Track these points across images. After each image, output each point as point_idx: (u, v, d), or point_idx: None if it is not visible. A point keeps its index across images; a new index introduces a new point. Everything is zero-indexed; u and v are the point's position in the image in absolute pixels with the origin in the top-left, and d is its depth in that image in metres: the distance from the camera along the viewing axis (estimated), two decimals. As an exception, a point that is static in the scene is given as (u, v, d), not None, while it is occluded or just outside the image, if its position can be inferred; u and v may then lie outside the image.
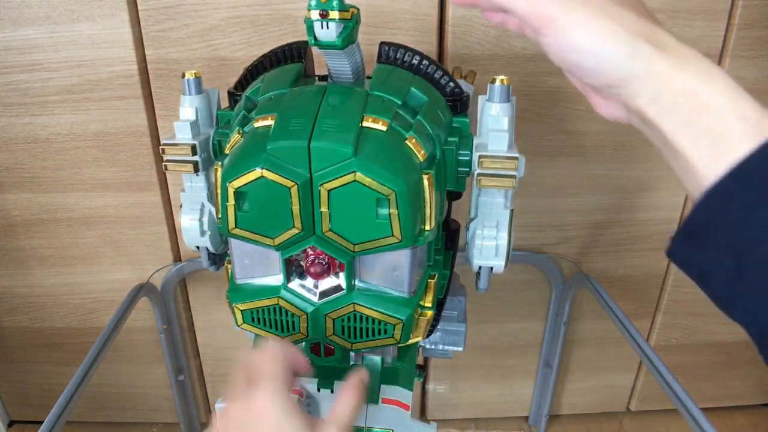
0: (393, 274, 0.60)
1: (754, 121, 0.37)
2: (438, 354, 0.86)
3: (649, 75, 0.39)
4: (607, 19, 0.38)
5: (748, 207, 0.36)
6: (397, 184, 0.54)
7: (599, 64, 0.39)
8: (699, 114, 0.38)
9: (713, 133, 0.38)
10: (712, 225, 0.38)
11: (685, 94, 0.38)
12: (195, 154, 0.70)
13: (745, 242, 0.37)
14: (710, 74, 0.38)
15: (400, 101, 0.60)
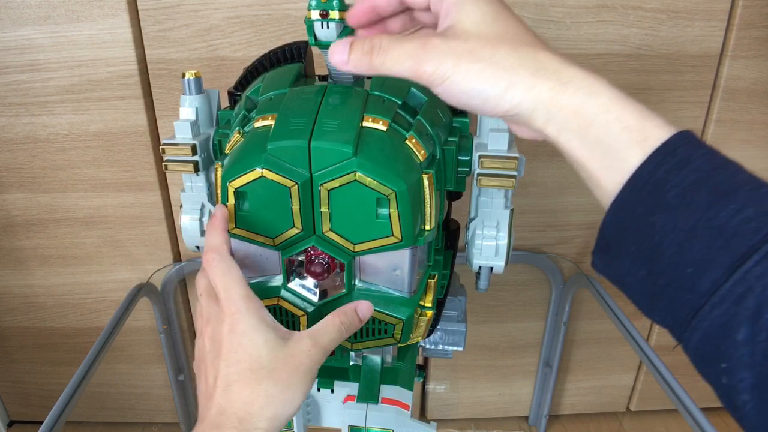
0: (393, 273, 0.60)
1: (636, 129, 0.39)
2: (438, 354, 0.85)
3: (535, 100, 0.41)
4: (479, 62, 0.42)
5: (647, 214, 0.38)
6: (397, 184, 0.53)
7: (485, 101, 0.43)
8: (588, 129, 0.40)
9: (604, 145, 0.40)
10: (621, 235, 0.41)
11: (573, 111, 0.41)
12: (195, 153, 0.70)
13: (650, 248, 0.39)
14: (593, 90, 0.41)
15: (400, 101, 0.60)
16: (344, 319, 0.57)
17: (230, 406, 0.52)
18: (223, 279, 0.55)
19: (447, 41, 0.43)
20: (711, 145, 0.39)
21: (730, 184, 0.37)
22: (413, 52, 0.44)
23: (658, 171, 0.38)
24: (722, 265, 0.35)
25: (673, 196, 0.38)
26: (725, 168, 0.38)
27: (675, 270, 0.38)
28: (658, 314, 0.41)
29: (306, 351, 0.55)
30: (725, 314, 0.35)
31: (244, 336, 0.53)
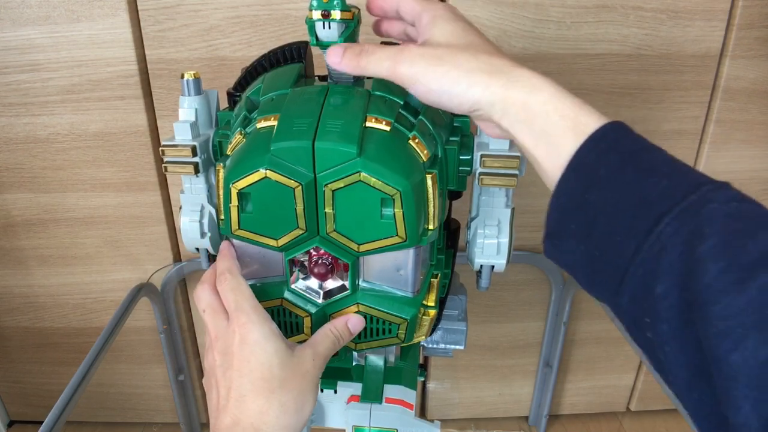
0: (397, 273, 0.60)
1: (571, 119, 0.45)
2: (439, 353, 0.86)
3: (492, 96, 0.48)
4: (444, 65, 0.49)
5: (583, 193, 0.44)
6: (401, 184, 0.54)
7: (451, 99, 0.49)
8: (533, 120, 0.47)
9: (546, 133, 0.46)
10: (563, 217, 0.46)
11: (521, 105, 0.47)
12: (195, 155, 0.69)
13: (587, 224, 0.44)
14: (536, 87, 0.47)
15: (402, 101, 0.60)
16: (336, 331, 0.61)
17: (245, 416, 0.54)
18: (234, 293, 0.57)
19: (420, 48, 0.51)
20: (638, 134, 0.45)
21: (651, 162, 0.43)
22: (392, 55, 0.51)
23: (590, 155, 0.44)
24: (642, 230, 0.40)
25: (603, 175, 0.43)
26: (648, 150, 0.44)
27: (606, 241, 0.43)
28: (596, 288, 0.46)
29: (310, 360, 0.57)
30: (645, 273, 0.40)
31: (256, 345, 0.55)
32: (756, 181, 1.18)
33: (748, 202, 0.39)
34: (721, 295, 0.35)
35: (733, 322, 0.35)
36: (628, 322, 0.44)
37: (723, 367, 0.35)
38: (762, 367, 0.33)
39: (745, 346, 0.34)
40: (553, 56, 1.07)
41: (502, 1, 1.02)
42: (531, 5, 1.03)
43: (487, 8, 1.03)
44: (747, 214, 0.39)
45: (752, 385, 0.34)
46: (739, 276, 0.35)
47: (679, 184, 0.41)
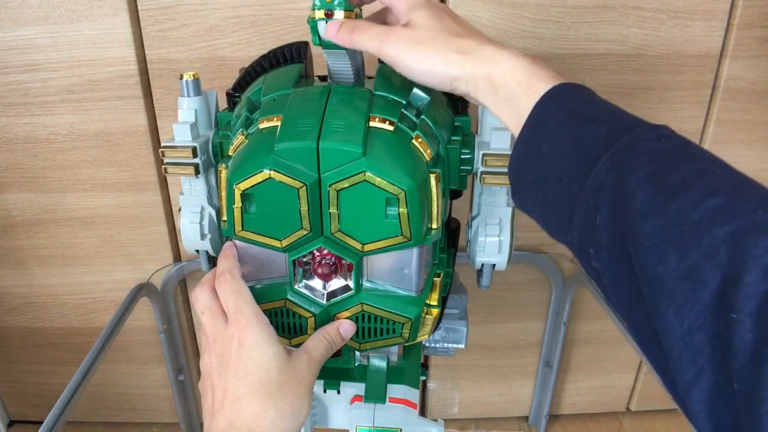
0: (401, 273, 0.60)
1: (526, 84, 0.51)
2: (439, 352, 0.86)
3: (465, 73, 0.53)
4: (423, 48, 0.54)
5: (537, 145, 0.49)
6: (406, 184, 0.54)
7: (432, 76, 0.55)
8: (497, 89, 0.52)
9: (507, 99, 0.52)
10: (522, 170, 0.51)
11: (485, 79, 0.53)
12: (196, 156, 0.69)
13: (541, 173, 0.49)
14: (498, 61, 0.52)
15: (405, 101, 0.60)
16: (329, 336, 0.62)
17: (241, 419, 0.54)
18: (234, 296, 0.58)
19: (405, 30, 0.56)
20: (586, 90, 0.50)
21: (594, 112, 0.48)
22: (380, 35, 0.56)
23: (543, 113, 0.49)
24: (585, 171, 0.45)
25: (553, 127, 0.48)
26: (591, 103, 0.49)
27: (558, 185, 0.48)
28: (552, 229, 0.51)
29: (306, 365, 0.58)
30: (588, 208, 0.45)
31: (255, 349, 0.55)
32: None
33: (676, 139, 0.44)
34: (647, 217, 0.40)
35: (657, 240, 0.39)
36: (580, 256, 0.48)
37: (650, 280, 0.39)
38: (682, 279, 0.37)
39: (668, 261, 0.38)
40: (553, 56, 1.07)
41: (502, 1, 1.02)
42: (531, 5, 1.03)
43: (487, 8, 1.03)
44: (673, 148, 0.43)
45: (674, 294, 0.37)
46: (663, 200, 0.40)
47: (616, 128, 0.45)
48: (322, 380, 0.73)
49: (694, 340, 0.36)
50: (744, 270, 0.34)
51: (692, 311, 0.36)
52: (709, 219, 0.37)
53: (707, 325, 0.36)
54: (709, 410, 0.36)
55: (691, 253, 0.37)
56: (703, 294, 0.36)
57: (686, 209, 0.38)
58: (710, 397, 0.36)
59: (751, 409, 0.32)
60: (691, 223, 0.38)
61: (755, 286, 0.34)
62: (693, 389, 0.36)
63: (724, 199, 0.38)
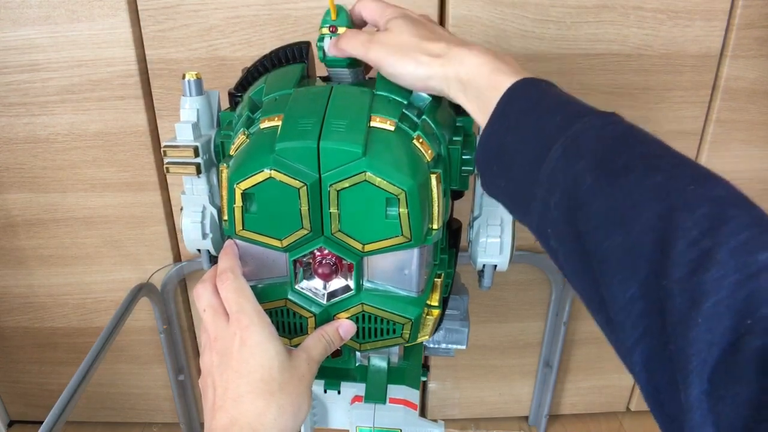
0: (401, 273, 0.60)
1: (490, 79, 0.54)
2: (440, 352, 0.86)
3: (436, 74, 0.57)
4: (398, 54, 0.58)
5: (500, 137, 0.53)
6: (407, 184, 0.54)
7: (405, 78, 0.59)
8: (465, 87, 0.56)
9: (476, 97, 0.55)
10: (487, 160, 0.55)
11: (456, 78, 0.56)
12: (198, 156, 0.69)
13: (505, 162, 0.53)
14: (464, 62, 0.55)
15: (406, 101, 0.60)
16: (327, 336, 0.62)
17: (243, 416, 0.54)
18: (236, 295, 0.58)
19: (384, 35, 0.60)
20: (547, 82, 0.54)
21: (551, 104, 0.51)
22: (364, 42, 0.60)
23: (505, 107, 0.52)
24: (541, 156, 0.48)
25: (514, 119, 0.52)
26: (550, 95, 0.52)
27: (519, 171, 0.51)
28: (516, 212, 0.55)
29: (305, 364, 0.59)
30: (544, 192, 0.48)
31: (257, 347, 0.56)
32: (756, 181, 1.18)
33: (622, 125, 0.48)
34: (595, 197, 0.44)
35: (604, 219, 0.43)
36: (540, 236, 0.52)
37: (597, 254, 0.43)
38: (625, 253, 0.41)
39: (613, 237, 0.42)
40: (553, 56, 1.07)
41: (502, 1, 1.02)
42: (531, 5, 1.03)
43: (487, 8, 1.03)
44: (619, 133, 0.47)
45: (618, 268, 0.41)
46: (607, 182, 0.43)
47: (569, 117, 0.49)
48: (323, 380, 0.73)
49: (635, 308, 0.40)
50: (675, 241, 0.38)
51: (634, 282, 0.40)
52: (648, 197, 0.41)
53: (647, 294, 0.39)
54: (648, 372, 0.39)
55: (633, 230, 0.41)
56: (643, 266, 0.40)
57: (628, 189, 0.42)
58: (648, 359, 0.39)
59: (683, 368, 0.35)
60: (632, 202, 0.41)
61: (683, 255, 0.37)
62: (634, 352, 0.40)
63: (662, 178, 0.41)
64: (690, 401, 0.35)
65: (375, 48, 0.60)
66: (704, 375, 0.34)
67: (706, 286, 0.35)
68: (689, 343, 0.35)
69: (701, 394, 0.34)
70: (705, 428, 0.34)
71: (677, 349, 0.36)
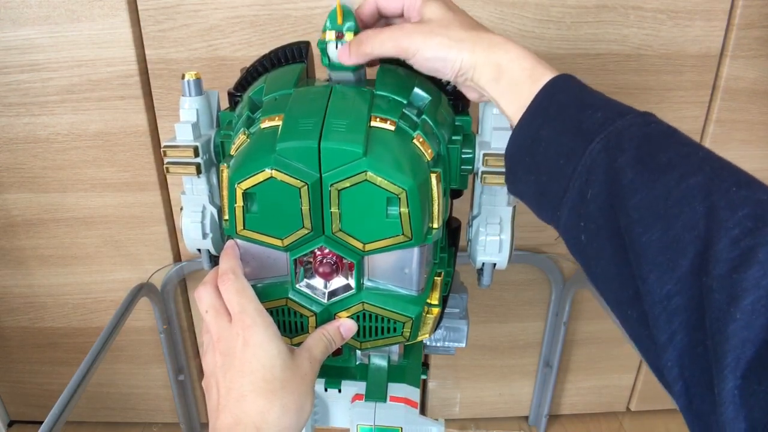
0: (402, 272, 0.60)
1: (529, 70, 0.54)
2: (440, 351, 0.86)
3: (474, 60, 0.55)
4: (437, 36, 0.56)
5: (537, 129, 0.52)
6: (407, 183, 0.54)
7: (445, 64, 0.57)
8: (501, 74, 0.55)
9: (510, 83, 0.55)
10: (518, 152, 0.54)
11: (492, 65, 0.55)
12: (198, 155, 0.69)
13: (537, 155, 0.52)
14: (508, 50, 0.55)
15: (406, 100, 0.60)
16: (328, 335, 0.62)
17: (247, 415, 0.55)
18: (238, 296, 0.58)
19: (417, 24, 0.58)
20: (584, 83, 0.54)
21: (592, 100, 0.51)
22: (392, 35, 0.58)
23: (543, 100, 0.52)
24: (579, 151, 0.49)
25: (553, 112, 0.52)
26: (590, 93, 0.53)
27: (552, 164, 0.51)
28: (542, 208, 0.54)
29: (308, 363, 0.59)
30: (581, 183, 0.48)
31: (259, 347, 0.56)
32: (756, 180, 1.17)
33: (664, 125, 0.48)
34: (636, 192, 0.44)
35: (644, 213, 0.43)
36: (566, 231, 0.52)
37: (636, 247, 0.43)
38: (665, 248, 0.41)
39: (653, 231, 0.42)
40: (553, 56, 1.07)
41: (502, 1, 1.03)
42: (531, 5, 1.03)
43: (487, 8, 1.03)
44: (661, 132, 0.47)
45: (656, 262, 0.41)
46: (650, 177, 0.44)
47: (610, 113, 0.49)
48: (323, 379, 0.74)
49: (671, 303, 0.40)
50: (717, 239, 0.38)
51: (672, 277, 0.40)
52: (691, 195, 0.41)
53: (684, 290, 0.40)
54: (680, 367, 0.40)
55: (674, 225, 0.41)
56: (682, 262, 0.40)
57: (671, 186, 0.42)
58: (681, 354, 0.40)
59: (718, 363, 0.36)
60: (674, 199, 0.42)
61: (724, 252, 0.38)
62: (668, 348, 0.40)
63: (704, 178, 0.42)
64: (723, 396, 0.35)
65: (406, 35, 0.58)
66: (738, 371, 0.35)
67: (746, 283, 0.36)
68: (726, 338, 0.36)
69: (735, 389, 0.35)
70: (737, 423, 0.34)
71: (714, 344, 0.37)
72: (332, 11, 0.61)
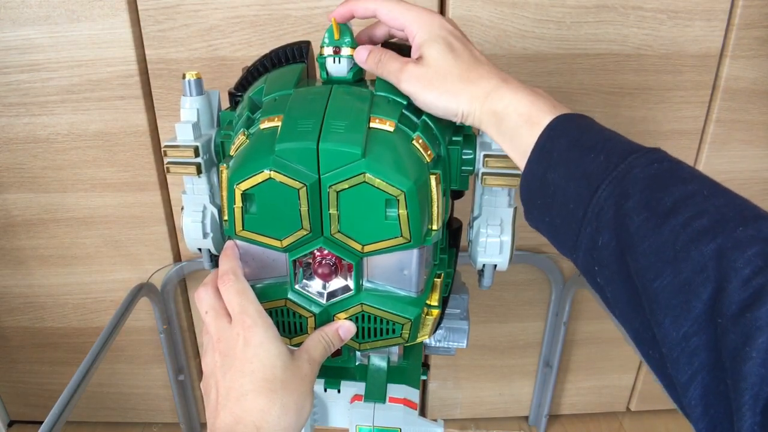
0: (401, 273, 0.60)
1: (526, 115, 0.55)
2: (441, 351, 0.86)
3: (473, 109, 0.57)
4: (435, 89, 0.58)
5: (543, 173, 0.53)
6: (406, 185, 0.54)
7: (444, 111, 0.59)
8: (501, 122, 0.56)
9: (510, 131, 0.56)
10: (530, 195, 0.55)
11: (491, 113, 0.56)
12: (198, 155, 0.69)
13: (548, 198, 0.53)
14: (501, 97, 0.56)
15: (405, 101, 0.60)
16: (327, 337, 0.63)
17: (247, 414, 0.55)
18: (239, 296, 0.59)
19: (418, 68, 0.59)
20: (585, 119, 0.54)
21: (593, 141, 0.51)
22: (397, 71, 0.60)
23: (546, 143, 0.53)
24: (587, 198, 0.49)
25: (556, 157, 0.52)
26: (590, 131, 0.52)
27: (563, 209, 0.52)
28: (560, 247, 0.55)
29: (307, 364, 0.59)
30: (592, 230, 0.49)
31: (260, 347, 0.56)
32: (756, 181, 1.18)
33: (668, 162, 0.48)
34: (644, 239, 0.44)
35: (653, 259, 0.44)
36: (585, 273, 0.52)
37: (648, 293, 0.44)
38: (677, 292, 0.41)
39: (663, 276, 0.42)
40: (553, 56, 1.07)
41: (502, 1, 1.02)
42: (531, 5, 1.03)
43: (487, 8, 1.03)
44: (664, 172, 0.47)
45: (670, 306, 0.42)
46: (656, 223, 0.44)
47: (612, 156, 0.49)
48: (323, 379, 0.73)
49: (689, 344, 0.40)
50: (727, 281, 0.39)
51: (687, 319, 0.41)
52: (697, 238, 0.42)
53: (701, 331, 0.40)
54: (704, 406, 0.40)
55: (683, 269, 0.42)
56: (696, 304, 0.40)
57: (677, 230, 0.43)
58: (704, 394, 0.40)
59: (736, 401, 0.36)
60: (682, 243, 0.42)
61: (736, 293, 0.38)
62: (690, 388, 0.40)
63: (709, 221, 0.42)
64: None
65: (407, 80, 0.59)
66: (758, 407, 0.35)
67: (760, 322, 0.36)
68: (743, 377, 0.36)
69: (754, 425, 0.35)
70: None
71: (732, 382, 0.37)
72: (329, 27, 0.62)
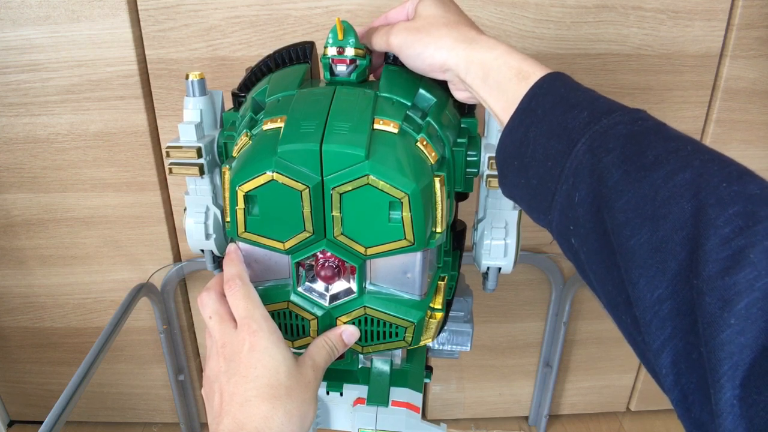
0: (404, 276, 0.60)
1: (516, 68, 0.53)
2: (444, 354, 0.85)
3: (459, 59, 0.56)
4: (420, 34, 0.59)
5: (525, 131, 0.51)
6: (410, 187, 0.53)
7: (424, 60, 0.58)
8: (488, 73, 0.55)
9: (497, 83, 0.54)
10: (508, 155, 0.54)
11: (480, 63, 0.55)
12: (201, 156, 0.69)
13: (526, 157, 0.51)
14: (492, 47, 0.55)
15: (410, 102, 0.60)
16: (330, 342, 0.62)
17: (250, 420, 0.54)
18: (245, 301, 0.58)
19: (407, 22, 0.61)
20: (573, 80, 0.53)
21: (577, 100, 0.50)
22: (385, 33, 0.62)
23: (531, 101, 0.51)
24: (566, 151, 0.48)
25: (539, 114, 0.50)
26: (577, 91, 0.51)
27: (541, 167, 0.50)
28: (534, 210, 0.53)
29: (311, 370, 0.59)
30: (568, 187, 0.47)
31: (265, 352, 0.56)
32: (756, 180, 1.17)
33: (653, 121, 0.47)
34: (622, 193, 0.42)
35: (631, 214, 0.42)
36: (558, 235, 0.51)
37: (624, 251, 0.42)
38: (654, 251, 0.40)
39: (641, 234, 0.41)
40: (553, 56, 1.07)
41: (502, 1, 1.02)
42: (531, 5, 1.03)
43: (487, 8, 1.03)
44: (648, 129, 0.46)
45: (645, 266, 0.40)
46: (636, 176, 0.42)
47: (596, 112, 0.48)
48: (325, 382, 0.73)
49: (663, 308, 0.39)
50: (706, 238, 0.37)
51: (662, 281, 0.39)
52: (678, 193, 0.40)
53: (676, 294, 0.38)
54: (675, 374, 0.38)
55: (662, 226, 0.40)
56: (672, 264, 0.39)
57: (658, 185, 0.41)
58: (676, 361, 0.38)
59: (713, 371, 0.34)
60: (662, 198, 0.40)
61: (714, 253, 0.36)
62: (661, 354, 0.39)
63: (692, 175, 0.40)
64: (721, 406, 0.34)
65: (395, 33, 0.60)
66: (737, 379, 0.33)
67: (739, 286, 0.34)
68: (720, 345, 0.34)
69: (733, 398, 0.33)
70: None
71: (708, 351, 0.35)
72: (333, 27, 0.62)
